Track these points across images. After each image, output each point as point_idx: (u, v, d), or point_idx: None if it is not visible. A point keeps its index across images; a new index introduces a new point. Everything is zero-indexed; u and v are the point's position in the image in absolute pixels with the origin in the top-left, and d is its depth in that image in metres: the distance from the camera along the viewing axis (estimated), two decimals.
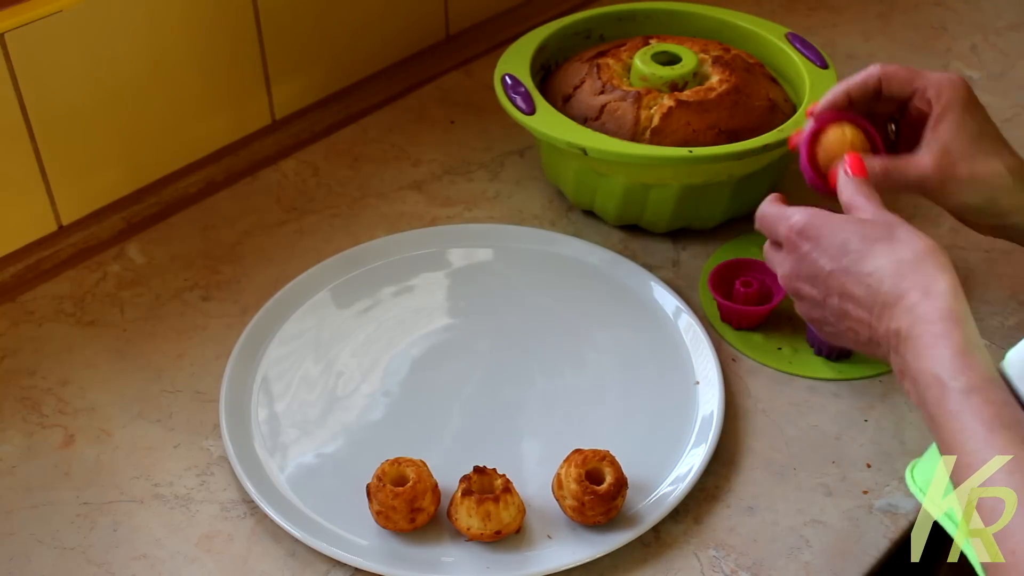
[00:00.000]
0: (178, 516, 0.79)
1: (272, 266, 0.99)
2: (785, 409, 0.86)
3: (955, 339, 0.62)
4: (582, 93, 1.00)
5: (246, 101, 1.10)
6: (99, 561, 0.76)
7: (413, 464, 0.77)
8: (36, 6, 0.90)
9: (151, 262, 0.99)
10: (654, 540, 0.78)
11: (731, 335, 0.92)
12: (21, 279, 0.97)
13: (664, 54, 1.01)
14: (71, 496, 0.80)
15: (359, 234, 1.02)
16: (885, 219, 0.70)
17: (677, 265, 0.99)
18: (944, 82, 0.79)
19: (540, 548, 0.76)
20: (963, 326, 0.62)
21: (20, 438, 0.84)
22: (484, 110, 1.16)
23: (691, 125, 0.96)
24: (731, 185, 0.97)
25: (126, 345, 0.92)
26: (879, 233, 0.69)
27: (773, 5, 1.34)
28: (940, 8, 1.34)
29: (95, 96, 0.97)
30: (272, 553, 0.77)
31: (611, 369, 0.89)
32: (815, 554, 0.76)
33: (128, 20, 0.96)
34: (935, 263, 0.66)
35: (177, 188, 1.06)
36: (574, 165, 0.99)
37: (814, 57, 1.03)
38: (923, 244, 0.67)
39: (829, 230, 0.71)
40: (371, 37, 1.17)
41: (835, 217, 0.72)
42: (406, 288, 0.96)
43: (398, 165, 1.10)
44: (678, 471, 0.80)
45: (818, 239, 0.71)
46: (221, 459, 0.83)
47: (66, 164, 0.97)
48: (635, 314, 0.94)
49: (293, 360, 0.90)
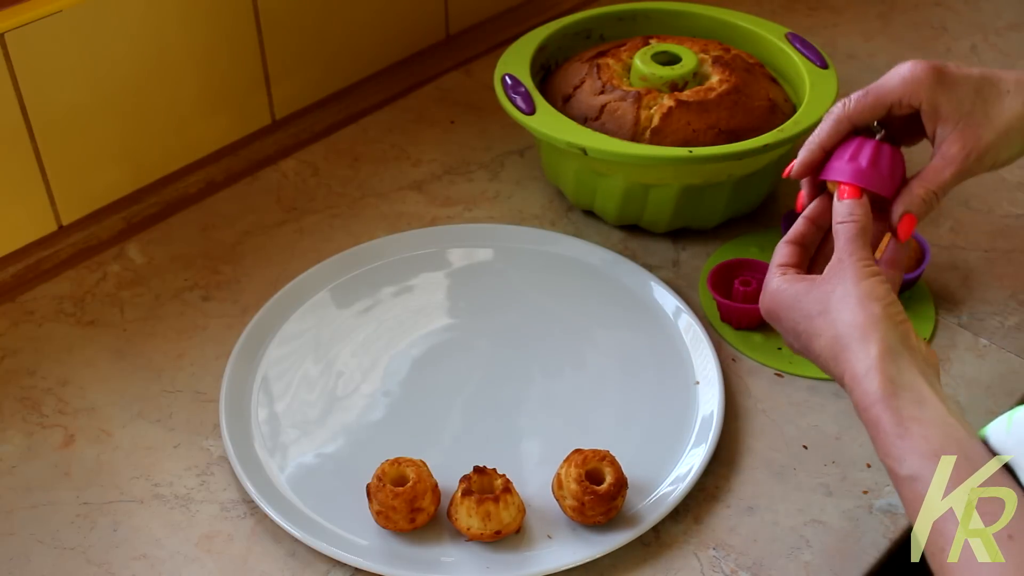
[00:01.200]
0: (178, 516, 0.79)
1: (272, 266, 0.99)
2: (785, 409, 0.86)
3: (884, 425, 0.64)
4: (582, 93, 1.00)
5: (246, 101, 1.10)
6: (99, 561, 0.76)
7: (413, 464, 0.77)
8: (36, 6, 0.90)
9: (151, 262, 0.99)
10: (654, 540, 0.78)
11: (731, 335, 0.92)
12: (21, 279, 0.97)
13: (664, 54, 1.01)
14: (71, 496, 0.80)
15: (359, 234, 1.02)
16: (828, 286, 0.70)
17: (677, 265, 0.99)
18: (910, 83, 0.75)
19: (540, 548, 0.76)
20: (895, 401, 0.64)
21: (20, 438, 0.84)
22: (484, 110, 1.16)
23: (691, 125, 0.96)
24: (731, 185, 0.97)
25: (126, 345, 0.92)
26: (817, 308, 0.69)
27: (773, 5, 1.34)
28: (940, 8, 1.34)
29: (95, 96, 0.97)
30: (272, 553, 0.77)
31: (611, 369, 0.89)
32: (815, 554, 0.76)
33: (128, 20, 0.96)
34: (861, 337, 0.66)
35: (177, 188, 1.06)
36: (574, 165, 0.99)
37: (814, 57, 1.03)
38: (849, 317, 0.67)
39: (785, 314, 0.72)
40: (371, 37, 1.17)
41: (786, 297, 0.72)
42: (406, 288, 0.96)
43: (398, 165, 1.10)
44: (678, 471, 0.80)
45: (778, 322, 0.74)
46: (221, 459, 0.83)
47: (66, 164, 0.97)
48: (635, 314, 0.94)
49: (293, 360, 0.90)
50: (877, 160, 0.75)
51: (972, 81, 0.75)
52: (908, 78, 0.75)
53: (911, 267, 0.94)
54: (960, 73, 0.75)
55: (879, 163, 0.75)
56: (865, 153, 0.75)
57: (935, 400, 0.64)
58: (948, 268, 0.97)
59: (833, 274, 0.70)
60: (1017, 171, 1.08)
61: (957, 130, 0.74)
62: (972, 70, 0.76)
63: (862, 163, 0.75)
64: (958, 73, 0.75)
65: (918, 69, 0.75)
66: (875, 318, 0.67)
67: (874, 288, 0.68)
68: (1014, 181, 1.07)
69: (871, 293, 0.68)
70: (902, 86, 0.75)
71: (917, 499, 0.61)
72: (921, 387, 0.64)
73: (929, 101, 0.75)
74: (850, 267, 0.69)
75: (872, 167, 0.74)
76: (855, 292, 0.68)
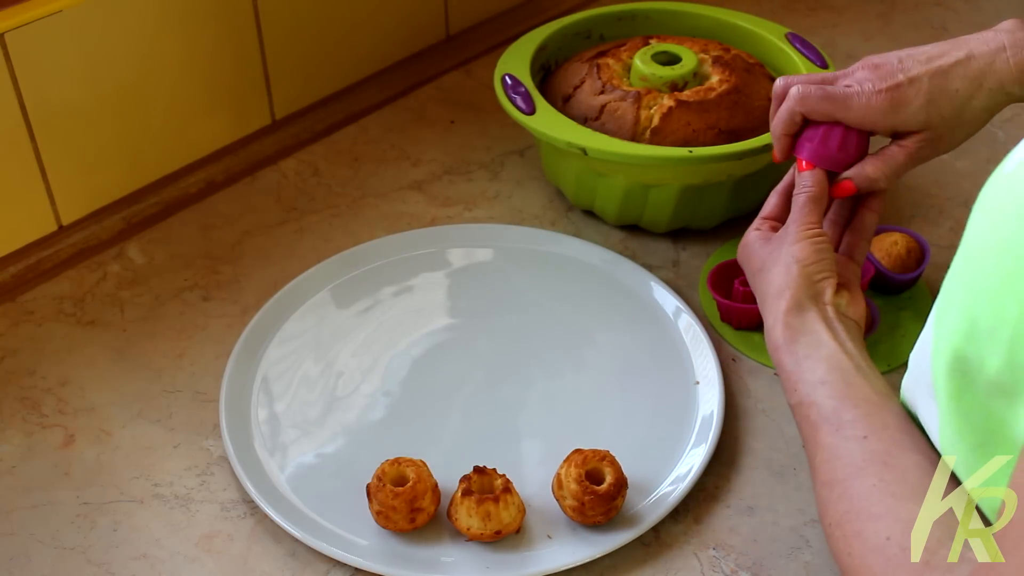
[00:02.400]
0: (178, 516, 0.79)
1: (272, 266, 0.99)
2: (785, 409, 0.86)
3: (784, 365, 0.73)
4: (582, 93, 1.00)
5: (246, 101, 1.10)
6: (99, 561, 0.76)
7: (413, 464, 0.77)
8: (36, 6, 0.90)
9: (151, 262, 0.99)
10: (654, 540, 0.78)
11: (731, 335, 0.92)
12: (21, 279, 0.97)
13: (664, 54, 1.01)
14: (71, 496, 0.80)
15: (359, 234, 1.02)
16: (771, 246, 0.78)
17: (677, 265, 0.99)
18: (867, 112, 0.79)
19: (540, 548, 0.76)
20: (793, 346, 0.73)
21: (20, 438, 0.84)
22: (484, 110, 1.16)
23: (691, 125, 0.96)
24: (731, 185, 0.97)
25: (126, 345, 0.92)
26: (759, 265, 0.79)
27: (773, 5, 1.34)
28: (940, 8, 1.34)
29: (95, 96, 0.97)
30: (272, 553, 0.77)
31: (611, 369, 0.89)
32: (815, 554, 0.76)
33: (128, 20, 0.96)
34: (776, 294, 0.75)
35: (177, 188, 1.06)
36: (574, 165, 0.99)
37: (814, 57, 1.03)
38: (773, 277, 0.76)
39: (745, 265, 0.81)
40: (371, 37, 1.17)
41: (747, 251, 0.81)
42: (406, 288, 0.96)
43: (398, 165, 1.10)
44: (678, 471, 0.80)
45: (745, 272, 0.82)
46: (221, 459, 0.83)
47: (66, 164, 0.97)
48: (635, 314, 0.94)
49: (293, 360, 0.90)
50: (844, 144, 0.81)
51: (923, 94, 0.78)
52: (868, 107, 0.79)
53: (911, 267, 0.94)
54: (911, 92, 0.79)
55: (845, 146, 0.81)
56: (832, 137, 0.81)
57: (831, 343, 0.72)
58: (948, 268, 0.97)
59: (778, 236, 0.79)
60: None
61: (914, 113, 0.79)
62: (922, 80, 0.78)
63: (828, 147, 0.81)
64: (910, 93, 0.78)
65: (878, 99, 0.79)
66: (792, 277, 0.75)
67: (802, 250, 0.76)
68: None
69: (797, 255, 0.76)
70: (861, 114, 0.80)
71: (807, 422, 0.69)
72: (820, 333, 0.72)
73: (885, 125, 0.80)
74: (792, 232, 0.77)
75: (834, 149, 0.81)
76: (786, 254, 0.76)
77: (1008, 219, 0.55)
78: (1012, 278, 0.53)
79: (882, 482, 0.63)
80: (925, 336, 0.65)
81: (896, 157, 0.80)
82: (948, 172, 1.08)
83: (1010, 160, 0.57)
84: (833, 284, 0.75)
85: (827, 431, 0.67)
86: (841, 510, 0.64)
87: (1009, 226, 0.54)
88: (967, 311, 0.57)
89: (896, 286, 0.94)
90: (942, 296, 0.62)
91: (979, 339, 0.56)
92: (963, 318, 0.58)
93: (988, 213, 0.57)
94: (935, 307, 0.64)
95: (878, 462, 0.64)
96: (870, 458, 0.65)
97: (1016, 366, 0.53)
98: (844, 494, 0.64)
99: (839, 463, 0.66)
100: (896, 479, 0.63)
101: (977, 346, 0.56)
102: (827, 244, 0.77)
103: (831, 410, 0.68)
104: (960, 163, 1.09)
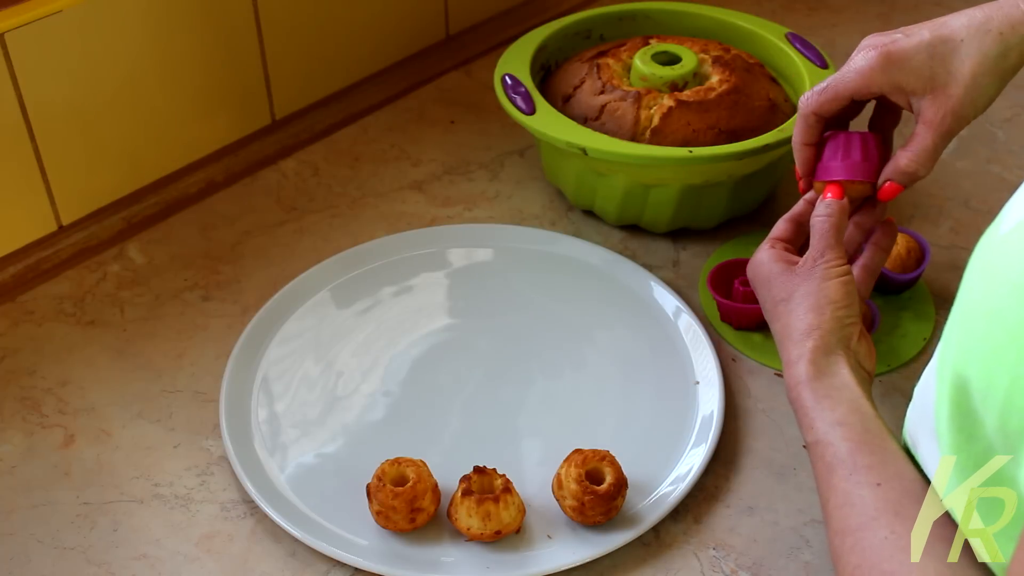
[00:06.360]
0: (178, 516, 0.79)
1: (272, 266, 0.99)
2: (785, 409, 0.86)
3: (804, 401, 0.71)
4: (582, 93, 1.00)
5: (246, 101, 1.10)
6: (99, 561, 0.76)
7: (413, 464, 0.77)
8: (36, 6, 0.90)
9: (151, 262, 0.99)
10: (654, 540, 0.78)
11: (731, 335, 0.92)
12: (21, 279, 0.97)
13: (664, 54, 1.01)
14: (71, 496, 0.80)
15: (359, 234, 1.02)
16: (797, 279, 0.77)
17: (677, 265, 0.99)
18: (864, 74, 0.78)
19: (540, 548, 0.76)
20: (816, 383, 0.71)
21: (20, 438, 0.84)
22: (484, 110, 1.16)
23: (691, 125, 0.96)
24: (731, 185, 0.97)
25: (126, 345, 0.92)
26: (783, 295, 0.77)
27: (773, 5, 1.34)
28: (940, 8, 1.34)
29: (95, 96, 0.97)
30: (272, 553, 0.77)
31: (611, 369, 0.89)
32: (815, 554, 0.76)
33: (128, 20, 0.96)
34: (805, 331, 0.74)
35: (177, 188, 1.06)
36: (574, 165, 0.99)
37: (814, 57, 1.03)
38: (802, 313, 0.75)
39: (759, 286, 0.80)
40: (371, 37, 1.17)
41: (763, 272, 0.80)
42: (406, 288, 0.96)
43: (398, 165, 1.10)
44: (678, 471, 0.80)
45: (755, 290, 0.81)
46: (221, 459, 0.83)
47: (66, 164, 0.97)
48: (635, 314, 0.94)
49: (293, 360, 0.90)
50: (865, 149, 0.80)
51: (924, 47, 0.76)
52: (862, 70, 0.78)
53: (911, 267, 0.94)
54: (910, 44, 0.77)
55: (867, 151, 0.80)
56: (852, 146, 0.80)
57: (855, 388, 0.71)
58: (948, 268, 0.97)
59: (804, 270, 0.77)
60: (1017, 171, 1.08)
61: (928, 96, 0.77)
62: (923, 33, 0.77)
63: (852, 157, 0.80)
64: (908, 45, 0.77)
65: (869, 58, 0.78)
66: (824, 319, 0.74)
67: (836, 291, 0.75)
68: (1014, 181, 1.07)
69: (831, 296, 0.74)
70: (858, 78, 0.78)
71: (822, 463, 0.68)
72: (845, 377, 0.71)
73: (888, 84, 0.78)
74: (819, 268, 0.76)
75: (859, 158, 0.80)
76: (815, 293, 0.75)
77: (1000, 286, 0.53)
78: (1002, 348, 0.52)
79: (894, 534, 0.62)
80: (929, 374, 0.64)
81: (923, 138, 0.78)
82: (948, 172, 1.08)
83: (1005, 220, 0.55)
84: (858, 330, 0.75)
85: (842, 475, 0.66)
86: (853, 563, 0.63)
87: (1000, 294, 0.53)
88: (961, 371, 0.56)
89: (896, 286, 0.94)
90: (942, 343, 0.61)
91: (974, 398, 0.55)
92: (958, 376, 0.57)
93: (981, 275, 0.56)
94: (938, 350, 0.62)
95: (890, 512, 0.63)
96: (883, 507, 0.63)
97: (1008, 433, 0.52)
98: (856, 546, 0.63)
99: (852, 511, 0.64)
100: (908, 531, 0.62)
101: (973, 403, 0.55)
102: (854, 284, 0.76)
103: (847, 452, 0.67)
104: (960, 163, 1.09)
